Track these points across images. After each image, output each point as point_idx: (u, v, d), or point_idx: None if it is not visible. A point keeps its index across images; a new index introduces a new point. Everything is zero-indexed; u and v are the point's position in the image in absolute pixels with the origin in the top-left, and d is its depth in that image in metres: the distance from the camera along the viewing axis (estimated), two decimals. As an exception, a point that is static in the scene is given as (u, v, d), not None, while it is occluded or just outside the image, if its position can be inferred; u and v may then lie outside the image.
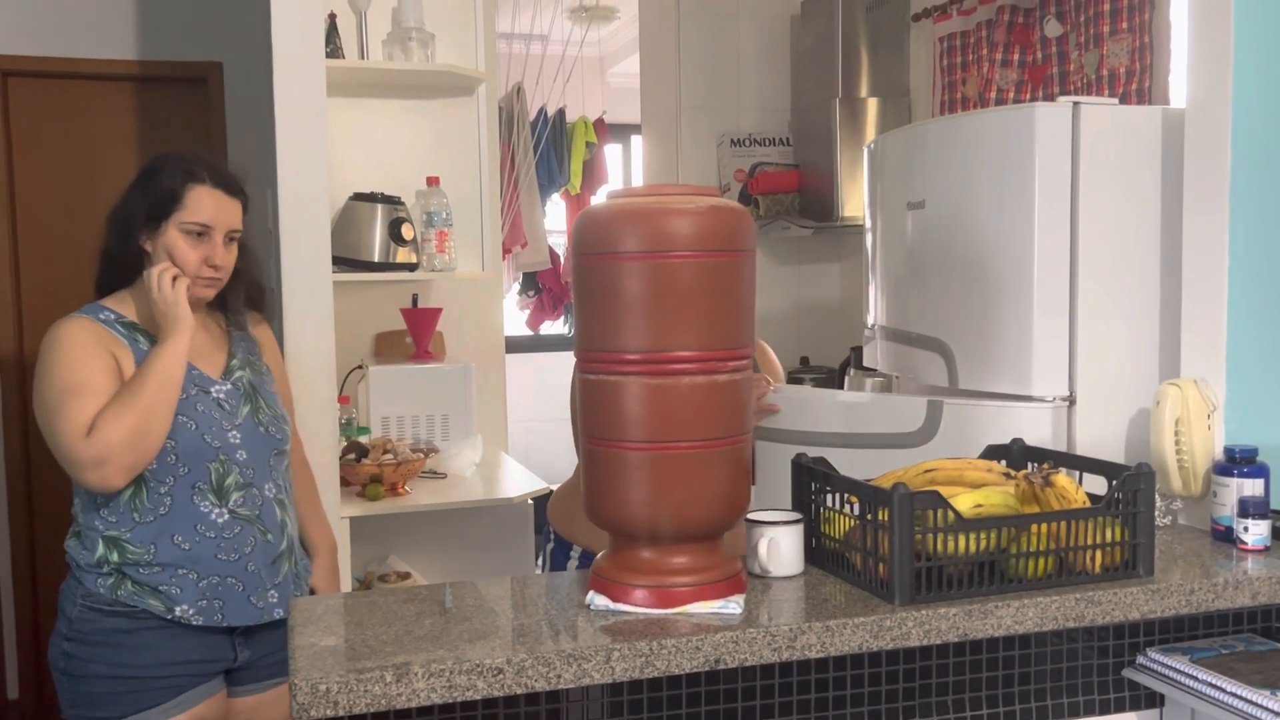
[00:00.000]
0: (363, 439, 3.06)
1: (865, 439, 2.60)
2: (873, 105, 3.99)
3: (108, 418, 1.79)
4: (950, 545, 1.46)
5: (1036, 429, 2.19)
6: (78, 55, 3.75)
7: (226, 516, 1.92)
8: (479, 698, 1.27)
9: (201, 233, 1.93)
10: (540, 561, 2.31)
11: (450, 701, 1.26)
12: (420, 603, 1.47)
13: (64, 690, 1.92)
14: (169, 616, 1.88)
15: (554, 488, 2.40)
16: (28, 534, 3.79)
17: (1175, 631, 1.71)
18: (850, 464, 2.67)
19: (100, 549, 1.89)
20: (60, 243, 3.74)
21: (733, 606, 1.41)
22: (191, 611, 1.89)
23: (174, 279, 1.90)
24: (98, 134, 3.83)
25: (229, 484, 1.92)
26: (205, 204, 1.93)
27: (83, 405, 1.81)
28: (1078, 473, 1.72)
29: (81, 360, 1.85)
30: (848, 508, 1.58)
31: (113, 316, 1.94)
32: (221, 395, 1.96)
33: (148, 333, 1.94)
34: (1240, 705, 1.47)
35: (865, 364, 2.95)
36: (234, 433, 1.95)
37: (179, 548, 1.89)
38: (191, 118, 3.86)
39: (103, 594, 1.88)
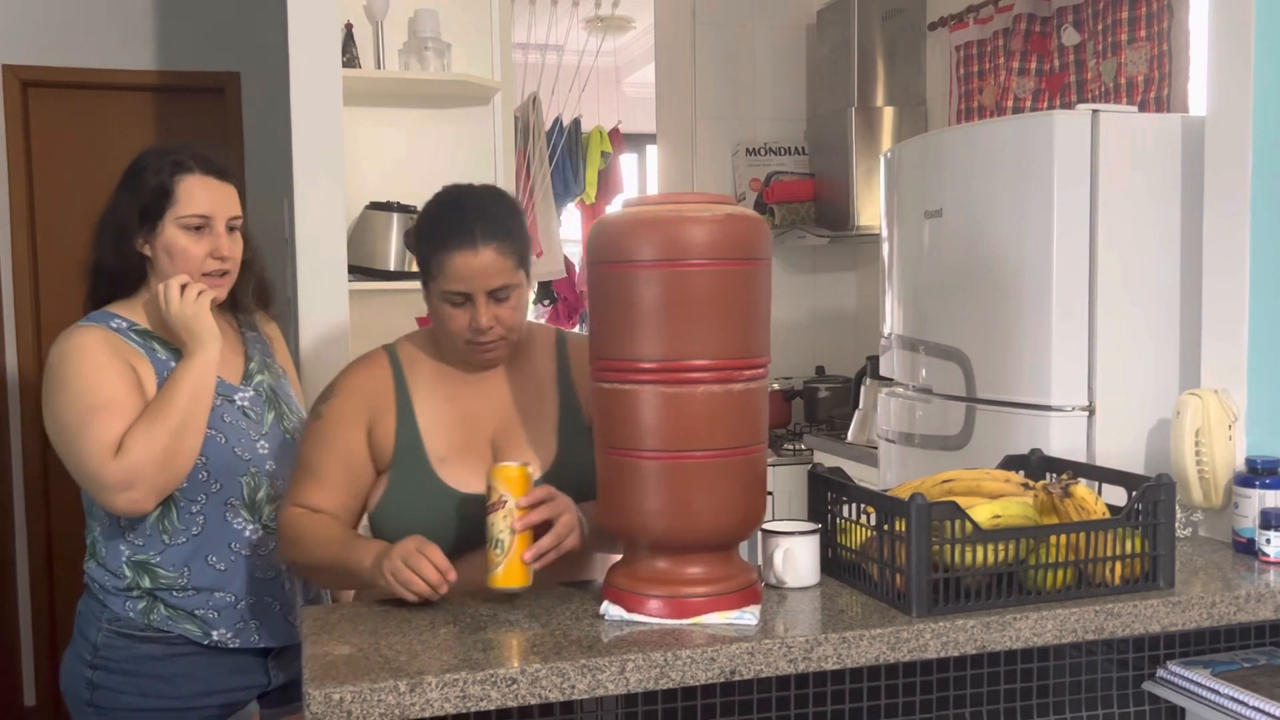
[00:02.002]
0: (378, 448, 3.06)
1: (919, 440, 2.61)
2: (889, 114, 3.98)
3: (138, 437, 1.67)
4: (968, 556, 1.45)
5: (1060, 438, 2.17)
6: (97, 66, 3.78)
7: (261, 533, 1.82)
8: (493, 708, 1.26)
9: (201, 225, 1.79)
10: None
11: (464, 711, 1.25)
12: (434, 612, 1.46)
13: None
14: (205, 642, 1.79)
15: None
16: (45, 542, 3.80)
17: (1196, 645, 1.69)
18: (902, 462, 2.69)
19: (128, 574, 1.77)
20: (79, 253, 3.71)
21: (748, 617, 1.40)
22: (229, 634, 1.80)
23: (198, 293, 1.77)
24: (117, 144, 3.85)
25: (261, 498, 1.82)
26: (199, 194, 1.79)
27: (109, 424, 1.68)
28: (1097, 483, 1.70)
29: (103, 374, 1.72)
30: (864, 518, 1.57)
31: (125, 324, 1.81)
32: (246, 403, 1.85)
33: (164, 341, 1.82)
34: (1263, 720, 1.46)
35: (882, 373, 2.93)
36: (262, 443, 1.84)
37: (214, 569, 1.79)
38: (209, 127, 3.88)
39: (133, 619, 1.77)
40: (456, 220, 1.60)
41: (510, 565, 1.46)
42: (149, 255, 1.82)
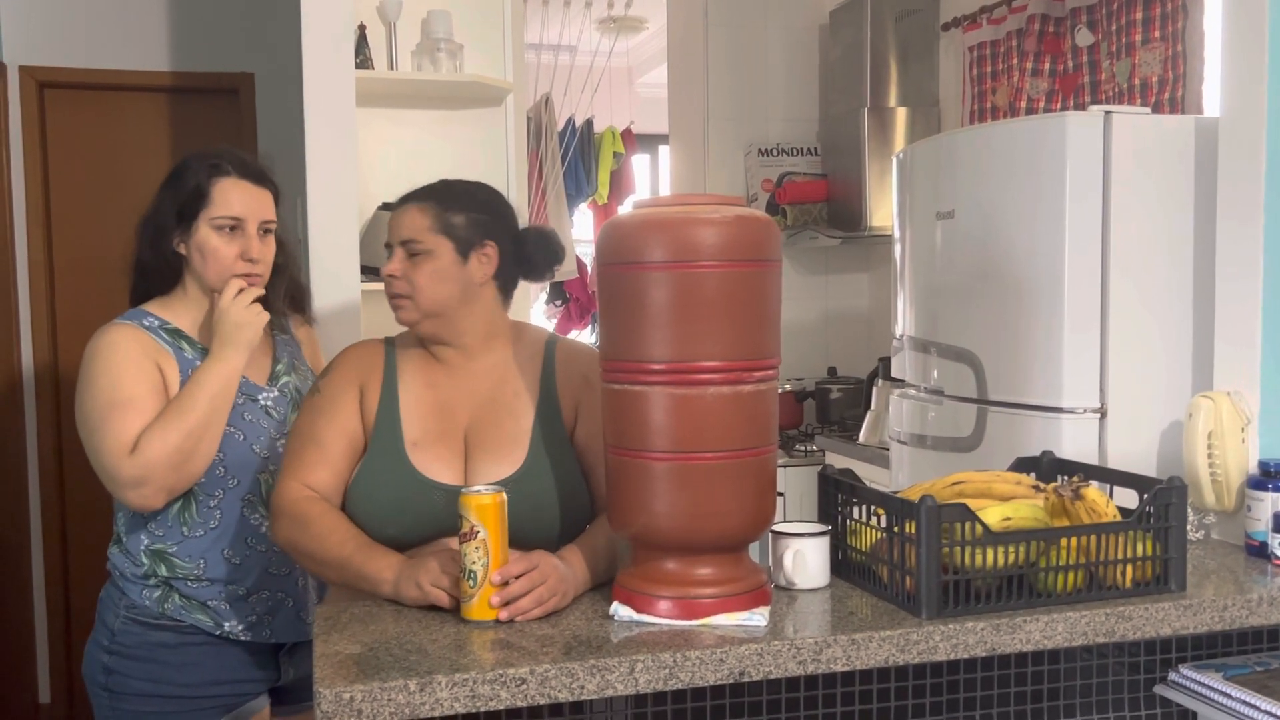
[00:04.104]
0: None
1: (931, 441, 2.60)
2: (901, 115, 3.98)
3: (153, 436, 1.73)
4: (978, 559, 1.45)
5: (1071, 441, 2.17)
6: (112, 67, 3.80)
7: None
8: (502, 707, 1.26)
9: (234, 227, 1.85)
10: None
11: (474, 711, 1.26)
12: (444, 612, 1.46)
13: (102, 707, 1.85)
14: (217, 632, 1.83)
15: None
16: (60, 539, 3.83)
17: (1208, 648, 1.68)
18: (913, 463, 2.69)
19: (147, 562, 1.83)
20: (94, 253, 3.77)
21: (758, 618, 1.40)
22: (241, 627, 1.84)
23: (259, 310, 1.83)
24: (131, 144, 3.87)
25: None
26: (234, 196, 1.85)
27: (126, 421, 1.74)
28: (1108, 486, 1.70)
29: (126, 373, 1.78)
30: (875, 520, 1.56)
31: (157, 323, 1.86)
32: (269, 403, 1.89)
33: (193, 340, 1.87)
34: (1275, 724, 1.45)
35: (894, 375, 2.93)
36: (282, 441, 1.86)
37: (229, 562, 1.84)
38: (223, 128, 3.89)
39: (149, 606, 1.82)
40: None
41: (484, 598, 1.41)
42: (184, 254, 1.87)
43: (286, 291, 2.01)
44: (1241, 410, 1.84)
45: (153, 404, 1.77)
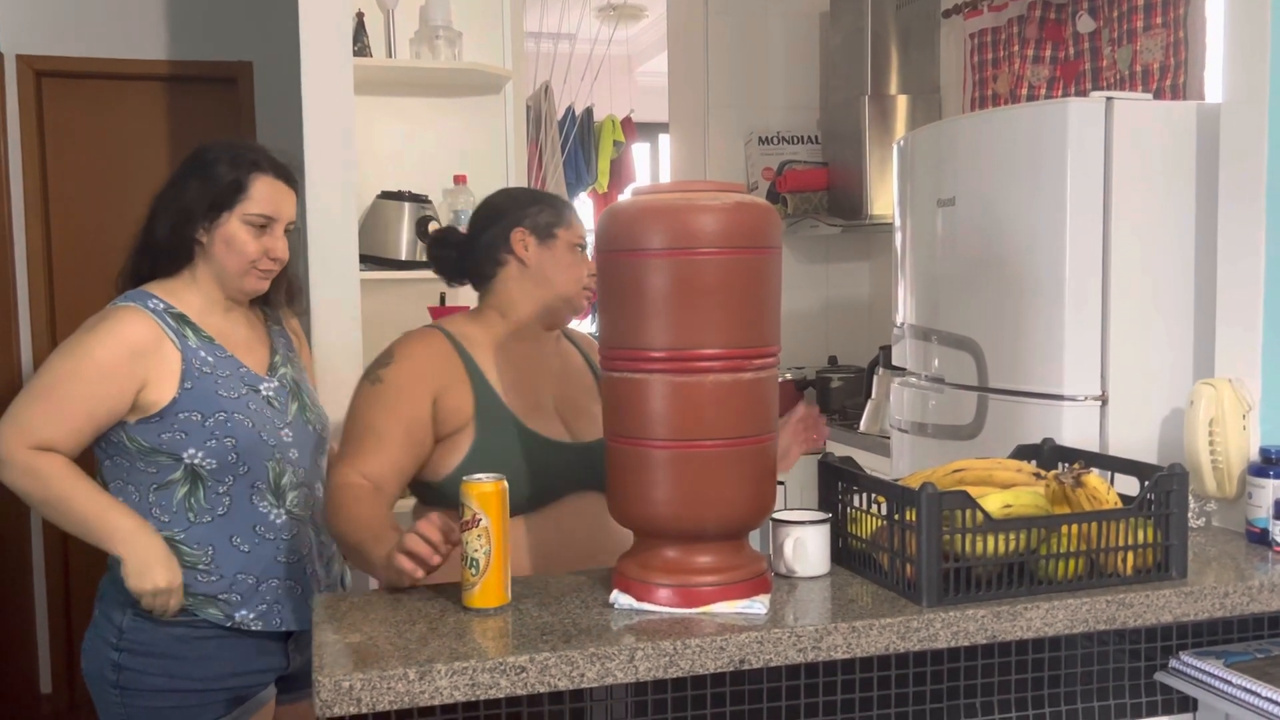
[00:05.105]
0: (390, 437, 3.06)
1: (932, 429, 2.60)
2: (902, 102, 3.97)
3: (54, 464, 1.75)
4: (979, 546, 1.45)
5: (1072, 428, 2.16)
6: (110, 55, 3.79)
7: (285, 517, 1.86)
8: (502, 696, 1.26)
9: (264, 224, 1.86)
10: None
11: (474, 700, 1.25)
12: (444, 599, 1.46)
13: (110, 704, 1.82)
14: (228, 624, 1.83)
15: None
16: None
17: (1209, 635, 1.68)
18: (914, 452, 2.69)
19: None
20: (92, 241, 3.77)
21: (758, 606, 1.40)
22: (251, 617, 1.84)
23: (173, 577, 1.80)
24: (129, 133, 3.86)
25: (285, 483, 1.87)
26: (268, 194, 1.86)
27: (49, 420, 1.76)
28: (1109, 473, 1.69)
29: (94, 373, 1.77)
30: (875, 507, 1.56)
31: (162, 306, 1.84)
32: (270, 393, 1.89)
33: (197, 326, 1.85)
34: (1276, 711, 1.45)
35: (894, 363, 2.93)
36: (286, 431, 1.88)
37: (238, 550, 1.83)
38: (222, 117, 3.89)
39: None
40: (555, 195, 1.96)
41: (486, 585, 1.41)
42: (203, 243, 1.87)
43: (287, 288, 2.02)
44: (1243, 397, 1.84)
45: (87, 415, 1.77)
